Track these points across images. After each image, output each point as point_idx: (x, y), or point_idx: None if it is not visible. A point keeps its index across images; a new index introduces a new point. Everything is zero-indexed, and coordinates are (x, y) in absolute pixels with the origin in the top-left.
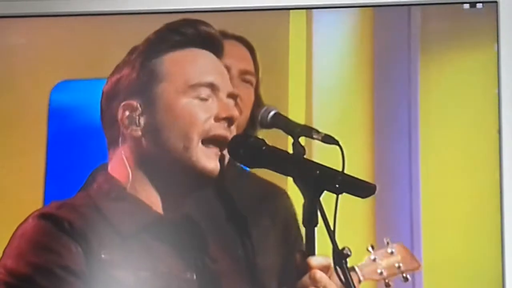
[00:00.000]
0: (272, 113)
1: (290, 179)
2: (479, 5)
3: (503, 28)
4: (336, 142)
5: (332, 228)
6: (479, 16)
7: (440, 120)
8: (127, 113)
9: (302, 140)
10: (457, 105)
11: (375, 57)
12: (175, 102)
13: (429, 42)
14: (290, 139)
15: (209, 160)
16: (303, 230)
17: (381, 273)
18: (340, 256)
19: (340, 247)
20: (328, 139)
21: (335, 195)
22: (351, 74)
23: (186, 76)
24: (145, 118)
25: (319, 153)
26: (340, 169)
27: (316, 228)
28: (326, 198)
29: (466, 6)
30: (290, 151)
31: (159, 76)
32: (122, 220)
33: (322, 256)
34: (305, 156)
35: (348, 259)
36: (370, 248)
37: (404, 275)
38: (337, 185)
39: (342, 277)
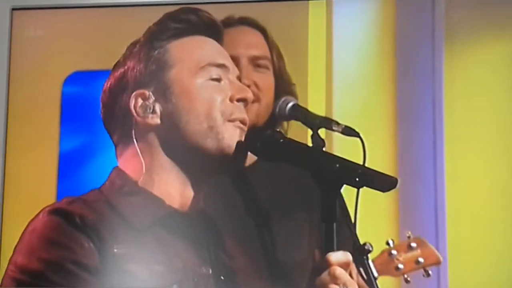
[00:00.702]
0: (290, 104)
1: None
2: None
3: None
4: (356, 134)
5: (353, 223)
6: (505, 5)
7: (466, 112)
8: (140, 101)
9: (322, 132)
10: (483, 96)
11: (397, 47)
12: (190, 85)
13: (454, 32)
14: (310, 132)
15: (236, 138)
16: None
17: (399, 269)
18: (361, 252)
19: (362, 242)
20: (349, 131)
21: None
22: (372, 64)
23: (195, 59)
24: (160, 105)
25: (340, 146)
26: (361, 162)
27: (335, 224)
28: (348, 192)
29: None
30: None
31: (167, 63)
32: (135, 214)
33: (341, 252)
34: (324, 149)
35: (369, 255)
36: (390, 242)
37: (426, 270)
38: (357, 179)
39: (363, 273)
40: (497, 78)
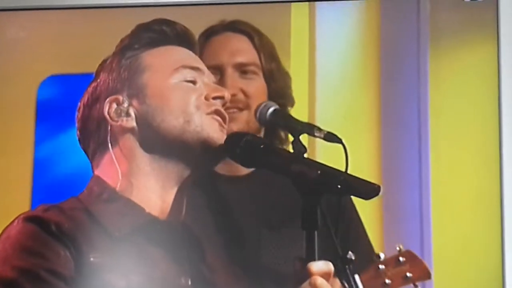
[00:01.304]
0: (271, 109)
1: None
2: None
3: (503, 21)
4: (339, 141)
5: (334, 232)
6: (489, 7)
7: (451, 116)
8: (114, 106)
9: (304, 138)
10: (469, 101)
11: (381, 51)
12: (164, 85)
13: (439, 35)
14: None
15: (214, 129)
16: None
17: (387, 284)
18: (343, 261)
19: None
20: (331, 137)
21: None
22: (356, 68)
23: (168, 62)
24: (134, 107)
25: (323, 152)
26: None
27: (316, 232)
28: None
29: None
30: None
31: (139, 68)
32: (113, 221)
33: (322, 261)
34: (306, 155)
35: (351, 265)
36: (381, 255)
37: (415, 285)
38: (338, 186)
39: (346, 284)
40: (483, 81)
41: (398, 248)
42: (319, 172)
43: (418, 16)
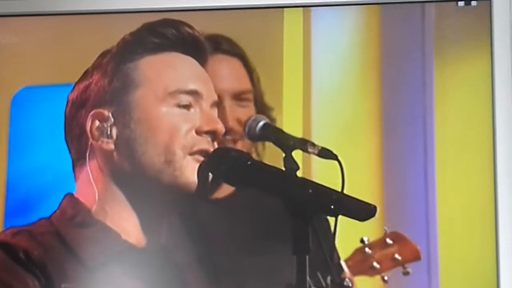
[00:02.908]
0: (261, 123)
1: None
2: (473, 3)
3: (496, 27)
4: (334, 157)
5: (330, 256)
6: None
7: (459, 128)
8: (97, 123)
9: (298, 155)
10: (478, 112)
11: (382, 59)
12: (154, 111)
13: (445, 41)
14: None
15: (194, 173)
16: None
17: (375, 268)
18: None
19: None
20: (326, 154)
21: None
22: (355, 78)
23: (165, 81)
24: (118, 129)
25: (320, 169)
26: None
27: (308, 256)
28: None
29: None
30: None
31: (134, 82)
32: (86, 249)
33: None
34: (298, 173)
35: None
36: (365, 238)
37: (404, 267)
38: (332, 206)
39: None
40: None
41: (385, 229)
42: (310, 191)
43: (422, 21)
